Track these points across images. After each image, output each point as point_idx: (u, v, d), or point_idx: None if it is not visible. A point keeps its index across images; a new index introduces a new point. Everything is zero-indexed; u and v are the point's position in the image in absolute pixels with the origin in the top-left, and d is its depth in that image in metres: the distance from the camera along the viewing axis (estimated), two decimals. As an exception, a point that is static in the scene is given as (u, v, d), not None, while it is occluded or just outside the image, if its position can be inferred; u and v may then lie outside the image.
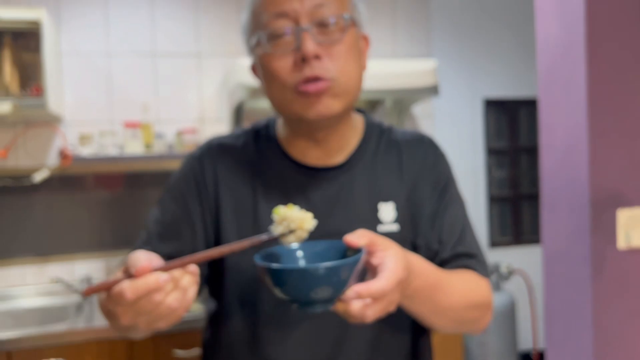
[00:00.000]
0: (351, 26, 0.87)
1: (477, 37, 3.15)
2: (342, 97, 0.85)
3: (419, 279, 0.75)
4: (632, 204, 1.84)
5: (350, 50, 0.86)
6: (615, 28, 1.82)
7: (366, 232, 0.71)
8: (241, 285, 0.90)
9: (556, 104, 1.93)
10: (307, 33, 0.82)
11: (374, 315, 0.67)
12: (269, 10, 0.84)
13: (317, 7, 0.83)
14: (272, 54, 0.84)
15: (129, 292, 0.63)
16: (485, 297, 0.90)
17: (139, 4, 2.66)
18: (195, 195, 0.92)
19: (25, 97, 2.28)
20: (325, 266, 0.62)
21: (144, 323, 0.67)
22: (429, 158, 0.96)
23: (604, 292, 1.82)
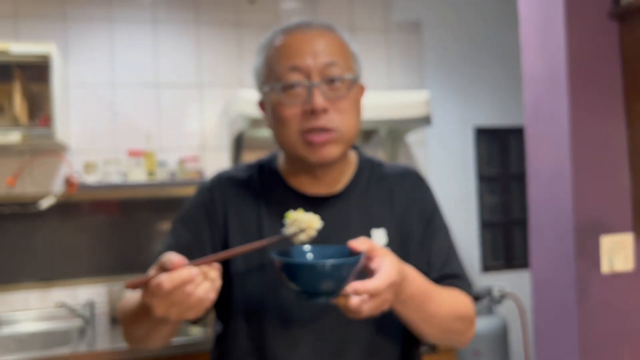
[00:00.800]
0: (354, 84, 0.98)
1: (468, 69, 3.28)
2: (342, 145, 0.96)
3: (412, 287, 0.85)
4: (614, 230, 1.94)
5: (353, 104, 0.97)
6: (595, 64, 1.94)
7: (367, 240, 0.82)
8: (247, 305, 0.98)
9: (541, 136, 2.04)
10: (317, 89, 0.92)
11: (369, 311, 0.77)
12: (285, 64, 0.94)
13: (328, 66, 0.93)
14: (283, 102, 0.94)
15: (166, 283, 0.72)
16: (470, 311, 0.99)
17: (143, 37, 2.78)
18: (206, 223, 1.01)
19: (34, 127, 2.37)
20: (330, 263, 0.74)
21: (175, 313, 0.75)
22: (416, 190, 1.06)
23: (590, 314, 1.90)
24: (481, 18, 3.30)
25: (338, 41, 0.98)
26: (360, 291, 0.76)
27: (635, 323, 1.96)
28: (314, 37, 0.96)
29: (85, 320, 2.54)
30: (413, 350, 1.04)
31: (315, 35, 0.96)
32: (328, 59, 0.94)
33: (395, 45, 3.16)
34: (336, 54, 0.96)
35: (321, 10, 3.06)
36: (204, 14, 2.87)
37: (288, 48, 0.95)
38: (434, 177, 3.20)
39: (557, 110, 1.95)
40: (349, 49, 1.00)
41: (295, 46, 0.94)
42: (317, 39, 0.95)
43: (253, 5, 2.95)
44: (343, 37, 1.01)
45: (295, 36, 0.96)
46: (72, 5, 2.67)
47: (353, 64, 1.00)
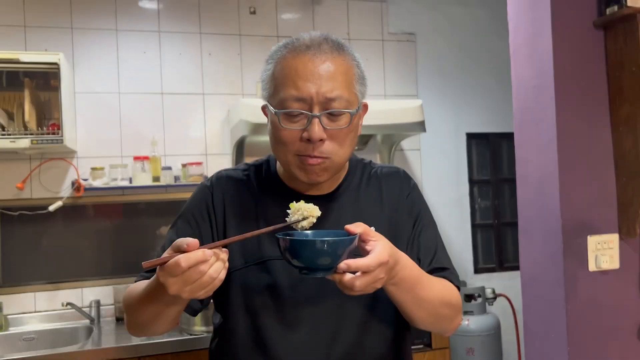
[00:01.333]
0: (354, 116, 1.01)
1: (461, 78, 3.39)
2: (332, 171, 1.02)
3: (404, 271, 0.93)
4: (600, 231, 2.03)
5: (349, 135, 1.01)
6: (580, 72, 2.03)
7: (362, 224, 0.89)
8: (245, 297, 1.04)
9: (529, 140, 2.13)
10: (316, 120, 0.96)
11: (361, 286, 0.84)
12: (289, 93, 0.96)
13: (330, 100, 0.97)
14: (284, 126, 0.99)
15: (183, 262, 0.79)
16: (457, 299, 1.07)
17: (148, 47, 2.87)
18: (206, 219, 1.08)
19: (43, 134, 2.45)
20: (327, 240, 0.83)
21: (188, 292, 0.82)
22: (405, 189, 1.14)
23: (578, 312, 1.99)
24: (473, 29, 3.41)
25: (345, 67, 1.00)
26: (353, 267, 0.83)
27: (622, 319, 2.04)
28: (322, 61, 0.97)
29: (92, 320, 2.62)
30: (404, 334, 1.11)
31: (324, 59, 0.98)
32: (331, 92, 0.96)
33: (390, 54, 3.27)
34: (341, 85, 0.98)
35: (319, 21, 3.16)
36: (206, 25, 2.97)
37: (294, 74, 0.97)
38: (428, 181, 3.30)
39: (545, 115, 2.05)
40: (355, 73, 1.02)
41: (302, 73, 0.96)
42: (325, 63, 0.97)
43: (254, 16, 3.05)
44: (352, 60, 1.02)
45: (303, 61, 0.98)
46: (80, 16, 2.77)
47: (357, 88, 1.02)
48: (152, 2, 2.89)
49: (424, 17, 3.34)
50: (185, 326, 2.37)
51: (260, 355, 1.04)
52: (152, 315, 0.97)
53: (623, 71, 1.99)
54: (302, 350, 1.02)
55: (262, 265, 1.04)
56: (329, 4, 3.18)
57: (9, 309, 2.59)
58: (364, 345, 1.05)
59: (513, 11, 2.21)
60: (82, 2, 2.77)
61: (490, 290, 3.01)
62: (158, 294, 0.88)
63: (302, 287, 1.03)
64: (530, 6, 2.10)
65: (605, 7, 2.03)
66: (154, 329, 1.02)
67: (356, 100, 1.02)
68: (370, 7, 3.25)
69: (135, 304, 0.98)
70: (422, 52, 3.32)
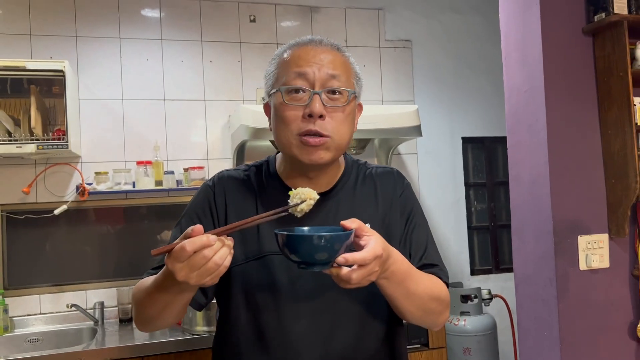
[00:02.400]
0: (353, 99, 1.08)
1: (456, 83, 3.46)
2: (333, 152, 1.06)
3: (395, 265, 0.97)
4: (590, 231, 2.09)
5: (348, 116, 1.08)
6: (570, 77, 2.10)
7: (357, 220, 0.93)
8: (246, 292, 1.09)
9: (521, 143, 2.19)
10: (317, 96, 1.03)
11: (357, 279, 0.88)
12: (293, 71, 1.05)
13: (331, 77, 1.05)
14: (287, 104, 1.05)
15: (188, 246, 0.82)
16: (445, 294, 1.12)
17: (150, 54, 2.94)
18: (208, 217, 1.13)
19: (48, 139, 2.52)
20: (325, 235, 0.86)
21: (194, 278, 0.85)
22: (398, 188, 1.19)
23: (569, 309, 2.04)
24: (467, 36, 3.49)
25: (343, 60, 1.09)
26: (350, 260, 0.87)
27: (612, 317, 2.10)
28: (322, 51, 1.07)
29: (96, 321, 2.67)
30: (398, 329, 1.16)
31: (324, 50, 1.07)
32: (331, 72, 1.05)
33: (387, 61, 3.34)
34: (340, 69, 1.06)
35: (318, 28, 3.23)
36: (207, 33, 3.04)
37: (297, 58, 1.06)
38: (425, 185, 3.36)
39: (535, 119, 2.11)
40: (353, 69, 1.11)
41: (304, 56, 1.06)
42: (324, 53, 1.06)
43: (253, 24, 3.12)
44: (349, 58, 1.11)
45: (305, 48, 1.07)
46: (84, 25, 2.84)
47: (354, 81, 1.10)
48: (154, 11, 2.97)
49: (420, 25, 3.41)
50: (187, 326, 2.42)
51: (260, 348, 1.08)
52: (161, 306, 1.00)
53: (611, 76, 2.06)
54: (300, 343, 1.06)
55: (261, 261, 1.08)
56: (328, 12, 3.26)
57: (15, 311, 2.64)
58: (360, 340, 1.09)
59: (504, 18, 2.27)
60: (86, 12, 2.85)
61: (487, 291, 3.06)
62: (167, 283, 0.93)
63: (301, 282, 1.07)
64: (521, 13, 2.17)
65: (593, 15, 2.10)
66: (162, 321, 1.05)
67: (354, 87, 1.10)
68: (367, 14, 3.32)
69: (145, 297, 1.02)
70: (418, 59, 3.40)
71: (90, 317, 2.66)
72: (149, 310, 1.03)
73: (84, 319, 2.68)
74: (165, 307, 1.00)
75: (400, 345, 1.17)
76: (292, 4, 3.20)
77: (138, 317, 1.08)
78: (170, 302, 0.99)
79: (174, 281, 0.88)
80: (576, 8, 2.12)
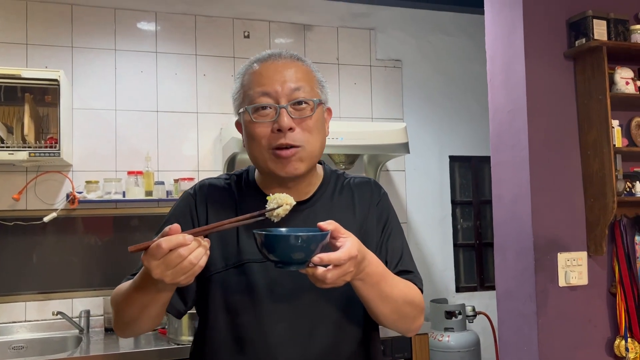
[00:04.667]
0: (318, 106, 1.11)
1: (444, 102, 3.54)
2: (307, 161, 1.09)
3: (370, 266, 1.00)
4: (569, 249, 2.14)
5: (316, 124, 1.10)
6: (552, 99, 2.17)
7: (334, 222, 0.96)
8: (225, 297, 1.10)
9: (504, 162, 2.25)
10: (284, 110, 1.06)
11: (332, 279, 0.91)
12: (257, 89, 1.09)
13: (294, 90, 1.07)
14: (255, 122, 1.08)
15: (164, 243, 0.85)
16: (419, 300, 1.15)
17: (145, 66, 2.99)
18: (189, 224, 1.14)
19: (41, 147, 2.54)
20: (301, 235, 0.89)
21: (169, 276, 0.86)
22: (374, 197, 1.21)
23: (549, 324, 2.09)
24: (456, 56, 3.58)
25: (304, 69, 1.12)
26: (325, 260, 0.90)
27: (590, 333, 2.14)
28: (283, 66, 1.09)
29: (81, 329, 2.67)
30: (373, 333, 1.19)
31: (284, 64, 1.10)
32: (294, 84, 1.08)
33: (377, 79, 3.41)
34: (302, 80, 1.09)
35: (310, 46, 3.31)
36: (202, 47, 3.10)
37: (260, 76, 1.09)
38: (412, 201, 3.42)
39: (518, 139, 2.17)
40: (315, 76, 1.14)
41: (266, 74, 1.08)
42: (285, 67, 1.09)
43: (247, 39, 3.19)
44: (310, 66, 1.14)
45: (266, 65, 1.10)
46: (80, 36, 2.89)
47: (318, 89, 1.13)
48: (150, 24, 3.03)
49: (410, 45, 3.50)
50: (172, 336, 2.43)
51: (239, 353, 1.09)
52: (139, 308, 1.02)
53: (591, 99, 2.14)
54: (279, 348, 1.08)
55: (241, 268, 1.10)
56: (320, 30, 3.34)
57: (0, 318, 2.64)
58: (337, 343, 1.11)
59: (490, 41, 2.35)
60: (83, 23, 2.90)
61: (471, 307, 3.10)
62: (144, 283, 0.95)
63: (279, 287, 1.09)
64: (506, 37, 2.25)
65: (574, 40, 2.18)
66: (140, 324, 1.07)
67: (319, 96, 1.12)
68: (359, 34, 3.40)
69: (123, 299, 1.04)
70: (408, 78, 3.47)
71: (75, 326, 2.67)
72: (127, 313, 1.05)
73: (69, 327, 2.68)
74: (143, 309, 1.02)
75: (376, 351, 1.20)
76: (285, 22, 3.27)
77: (117, 320, 1.10)
78: (148, 303, 1.01)
79: (151, 280, 0.91)
80: (558, 33, 2.20)
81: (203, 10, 3.11)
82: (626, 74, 2.19)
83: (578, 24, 2.17)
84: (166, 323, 2.54)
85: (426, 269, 3.35)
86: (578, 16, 2.17)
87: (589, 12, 2.14)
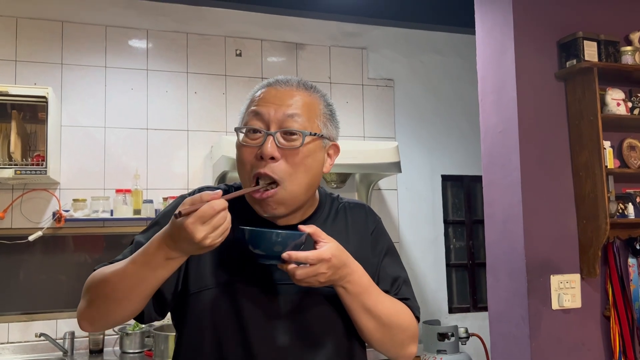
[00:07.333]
0: (313, 140, 1.04)
1: (436, 122, 3.53)
2: (287, 204, 1.03)
3: (353, 275, 1.01)
4: (562, 271, 2.12)
5: (304, 159, 1.02)
6: (543, 120, 2.16)
7: (314, 226, 0.99)
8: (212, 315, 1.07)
9: (495, 183, 2.24)
10: (271, 137, 1.00)
11: (301, 276, 0.94)
12: (251, 109, 1.07)
13: (287, 117, 1.01)
14: (243, 145, 1.05)
15: (217, 205, 0.87)
16: (413, 327, 1.12)
17: (135, 84, 2.97)
18: None
19: (27, 164, 2.51)
20: (280, 232, 0.96)
21: (211, 238, 0.88)
22: (370, 225, 1.20)
23: (541, 348, 2.05)
24: (447, 76, 3.59)
25: (309, 100, 1.05)
26: (293, 258, 0.94)
27: (583, 357, 2.11)
28: (286, 92, 1.05)
29: (65, 352, 2.61)
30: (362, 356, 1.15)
31: (288, 91, 1.05)
32: (289, 111, 1.02)
33: (369, 98, 3.41)
34: (300, 108, 1.03)
35: (302, 65, 3.30)
36: (193, 65, 3.09)
37: (260, 98, 1.06)
38: (404, 221, 3.39)
39: (509, 160, 2.16)
40: (321, 109, 1.07)
41: (266, 97, 1.05)
42: (288, 94, 1.04)
43: (239, 58, 3.18)
44: (319, 98, 1.07)
45: (271, 89, 1.06)
46: (70, 53, 2.87)
47: (320, 122, 1.06)
48: (141, 42, 3.01)
49: (401, 65, 3.50)
50: (158, 358, 2.38)
51: None
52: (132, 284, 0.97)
53: (582, 120, 2.13)
54: None
55: (230, 287, 1.08)
56: (312, 49, 3.34)
57: (-19, 339, 2.58)
58: None
59: (481, 61, 2.35)
60: (73, 40, 2.88)
61: (464, 329, 3.05)
62: (149, 255, 0.93)
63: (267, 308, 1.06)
64: (497, 57, 2.24)
65: (565, 61, 2.18)
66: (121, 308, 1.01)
67: (316, 130, 1.05)
68: (351, 53, 3.40)
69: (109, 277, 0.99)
70: (399, 97, 3.47)
71: (59, 348, 2.60)
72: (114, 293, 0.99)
73: (53, 349, 2.61)
74: (134, 286, 0.97)
75: None
76: (278, 40, 3.27)
77: (92, 307, 1.04)
78: (144, 279, 0.96)
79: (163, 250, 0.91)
80: (549, 54, 2.20)
81: (195, 28, 3.10)
82: (617, 95, 2.19)
83: (569, 45, 2.18)
84: (152, 345, 2.48)
85: (419, 289, 3.31)
86: (568, 37, 2.17)
87: (579, 34, 2.14)
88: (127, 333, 2.61)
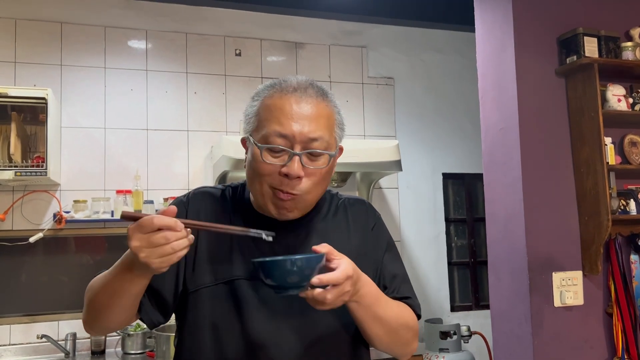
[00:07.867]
0: (334, 160, 1.07)
1: (436, 120, 3.52)
2: (302, 209, 1.07)
3: (365, 288, 1.00)
4: (564, 268, 2.11)
5: (325, 175, 1.07)
6: (544, 116, 2.15)
7: (327, 245, 0.95)
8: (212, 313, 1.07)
9: (496, 181, 2.23)
10: (297, 157, 1.01)
11: (332, 300, 0.91)
12: (274, 128, 1.01)
13: (311, 140, 1.02)
14: (265, 160, 1.03)
15: (156, 220, 0.84)
16: (414, 323, 1.13)
17: (135, 84, 2.97)
18: None
19: (27, 166, 2.51)
20: (296, 259, 0.90)
21: (145, 254, 0.85)
22: (370, 221, 1.20)
23: (544, 346, 2.04)
24: (448, 74, 3.58)
25: (327, 113, 1.06)
26: (324, 281, 0.90)
27: (586, 354, 2.10)
28: (306, 106, 1.04)
29: (67, 353, 2.61)
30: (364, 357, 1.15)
31: (308, 104, 1.04)
32: (314, 133, 1.02)
33: (370, 97, 3.40)
34: (322, 128, 1.04)
35: (302, 64, 3.30)
36: (193, 65, 3.08)
37: (280, 112, 1.03)
38: (406, 219, 3.38)
39: (510, 157, 2.15)
40: (336, 119, 1.09)
41: (288, 112, 1.02)
42: (308, 109, 1.03)
43: (239, 57, 3.18)
44: (333, 107, 1.08)
45: (290, 100, 1.03)
46: (70, 54, 2.87)
47: (336, 134, 1.09)
48: (140, 42, 3.01)
49: (402, 63, 3.49)
50: (160, 359, 2.37)
51: None
52: (110, 294, 0.99)
53: (583, 116, 2.12)
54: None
55: (230, 285, 1.07)
56: (312, 48, 3.33)
57: (-17, 341, 2.58)
58: None
59: (481, 59, 2.34)
60: (72, 41, 2.88)
61: (466, 327, 3.05)
62: (121, 267, 0.94)
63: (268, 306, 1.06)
64: (497, 54, 2.24)
65: (565, 57, 2.17)
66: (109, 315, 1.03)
67: (335, 144, 1.08)
68: (351, 52, 3.40)
69: (97, 286, 1.02)
70: (400, 96, 3.46)
71: (61, 349, 2.60)
72: (98, 299, 1.02)
73: (55, 350, 2.61)
74: (113, 295, 0.99)
75: None
76: (277, 40, 3.26)
77: (87, 312, 1.07)
78: (119, 289, 0.97)
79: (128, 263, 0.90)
80: (549, 50, 2.19)
81: (194, 28, 3.10)
82: (618, 91, 2.18)
83: (569, 41, 2.17)
84: (154, 346, 2.48)
85: (420, 288, 3.31)
86: (569, 33, 2.16)
87: (579, 30, 2.13)
88: (129, 334, 2.61)
